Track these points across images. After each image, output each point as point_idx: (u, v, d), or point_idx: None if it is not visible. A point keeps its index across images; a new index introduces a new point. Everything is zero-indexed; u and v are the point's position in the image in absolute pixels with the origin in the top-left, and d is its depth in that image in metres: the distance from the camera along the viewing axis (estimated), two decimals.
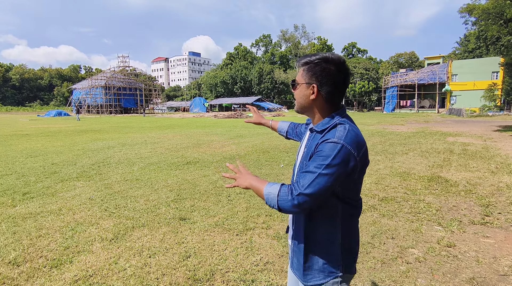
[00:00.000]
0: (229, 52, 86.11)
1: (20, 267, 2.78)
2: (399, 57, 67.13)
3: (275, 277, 2.63)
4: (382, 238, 3.38)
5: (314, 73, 1.23)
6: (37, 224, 3.76)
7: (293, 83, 1.32)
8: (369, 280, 2.57)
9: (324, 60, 1.21)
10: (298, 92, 1.30)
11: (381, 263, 2.85)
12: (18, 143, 11.86)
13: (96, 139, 13.27)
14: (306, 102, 1.28)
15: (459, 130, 16.30)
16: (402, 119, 28.32)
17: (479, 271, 2.71)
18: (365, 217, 3.97)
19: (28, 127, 20.96)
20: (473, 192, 5.06)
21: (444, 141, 11.60)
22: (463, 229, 3.61)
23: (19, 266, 2.81)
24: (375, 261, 2.88)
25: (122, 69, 63.70)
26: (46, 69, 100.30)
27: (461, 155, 8.53)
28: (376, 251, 3.08)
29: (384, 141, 11.66)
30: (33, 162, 7.75)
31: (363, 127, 18.20)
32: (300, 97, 1.30)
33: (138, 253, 3.04)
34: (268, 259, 2.93)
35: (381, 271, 2.72)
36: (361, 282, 2.56)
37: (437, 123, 22.03)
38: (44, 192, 5.12)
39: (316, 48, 63.60)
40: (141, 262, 2.85)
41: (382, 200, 4.66)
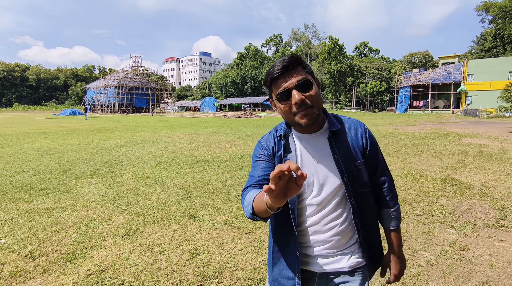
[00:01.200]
0: (239, 52, 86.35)
1: (36, 261, 2.87)
2: (412, 56, 65.94)
3: None
4: None
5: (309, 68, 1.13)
6: (53, 220, 3.86)
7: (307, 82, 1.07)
8: (379, 283, 2.55)
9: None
10: (315, 92, 1.09)
11: None
12: (35, 141, 12.20)
13: (109, 137, 13.53)
14: (322, 102, 1.13)
15: (474, 131, 15.90)
16: (415, 119, 27.82)
17: (492, 275, 2.65)
18: None
19: (44, 126, 21.53)
20: (488, 195, 4.94)
21: (458, 142, 11.34)
22: (477, 232, 3.53)
23: (35, 259, 2.90)
24: None
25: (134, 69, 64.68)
26: (62, 69, 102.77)
27: (476, 157, 8.32)
28: None
29: (396, 142, 11.49)
30: (49, 160, 7.96)
31: (374, 128, 17.97)
32: (318, 97, 1.10)
33: (149, 249, 3.09)
34: None
35: None
36: (371, 283, 2.53)
37: (452, 124, 21.55)
38: (59, 189, 5.26)
39: (328, 47, 62.98)
40: (152, 258, 2.90)
41: None
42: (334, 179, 1.12)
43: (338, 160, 1.12)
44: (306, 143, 1.15)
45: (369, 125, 20.82)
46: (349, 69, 63.06)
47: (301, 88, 1.05)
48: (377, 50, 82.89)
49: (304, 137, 1.16)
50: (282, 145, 1.17)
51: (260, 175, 1.13)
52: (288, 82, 1.05)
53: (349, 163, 1.13)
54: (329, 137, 1.14)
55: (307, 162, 1.14)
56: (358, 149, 1.16)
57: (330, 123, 1.16)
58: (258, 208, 0.94)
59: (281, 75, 1.06)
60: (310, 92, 1.07)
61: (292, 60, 1.07)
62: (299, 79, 1.05)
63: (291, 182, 0.76)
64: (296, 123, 1.10)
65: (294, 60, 1.07)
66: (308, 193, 1.14)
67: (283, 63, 1.06)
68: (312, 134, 1.16)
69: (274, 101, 1.13)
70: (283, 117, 1.14)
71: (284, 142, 1.17)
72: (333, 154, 1.12)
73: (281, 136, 1.18)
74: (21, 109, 74.31)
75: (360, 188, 1.15)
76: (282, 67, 1.05)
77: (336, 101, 66.20)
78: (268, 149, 1.18)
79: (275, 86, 1.09)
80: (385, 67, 64.86)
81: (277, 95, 1.08)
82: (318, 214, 1.14)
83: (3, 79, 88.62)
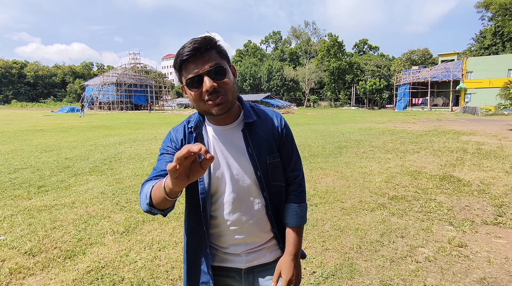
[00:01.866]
0: (238, 49, 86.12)
1: (36, 257, 2.87)
2: (411, 54, 65.91)
3: None
4: (392, 236, 3.35)
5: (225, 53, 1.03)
6: (52, 217, 3.86)
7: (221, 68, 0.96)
8: (377, 278, 2.56)
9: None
10: (228, 79, 0.99)
11: (390, 261, 2.83)
12: (33, 138, 12.17)
13: (108, 135, 13.50)
14: (235, 90, 1.03)
15: (473, 129, 15.93)
16: (414, 117, 27.84)
17: (490, 271, 2.67)
18: (374, 216, 3.95)
19: (43, 123, 21.45)
20: (487, 192, 4.96)
21: (457, 140, 11.37)
22: (475, 229, 3.55)
23: (34, 256, 2.90)
24: (384, 259, 2.87)
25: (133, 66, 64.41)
26: (60, 66, 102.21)
27: (474, 154, 8.35)
28: (385, 249, 3.07)
29: (395, 139, 11.50)
30: (48, 157, 7.94)
31: (373, 125, 17.99)
32: (232, 85, 1.01)
33: (149, 246, 3.10)
34: None
35: (390, 269, 2.70)
36: (369, 279, 2.55)
37: (451, 122, 21.59)
38: (58, 186, 5.25)
39: (327, 44, 62.88)
40: (151, 255, 2.91)
41: (392, 199, 4.61)
42: (248, 174, 1.08)
43: (252, 154, 1.07)
44: (219, 136, 1.08)
45: (367, 122, 20.83)
46: (348, 67, 63.00)
47: (214, 74, 0.95)
48: (377, 47, 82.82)
49: (217, 130, 1.09)
50: (192, 138, 1.09)
51: (163, 169, 1.04)
52: (200, 67, 0.94)
53: (264, 157, 1.08)
54: (243, 129, 1.07)
55: (220, 157, 1.08)
56: (273, 141, 1.12)
57: (246, 115, 1.09)
58: (156, 197, 0.88)
59: (191, 57, 0.94)
60: (224, 79, 0.97)
61: (205, 42, 0.95)
62: (211, 65, 0.94)
63: (196, 164, 0.74)
64: (208, 112, 1.00)
65: (207, 43, 0.96)
66: (221, 190, 1.09)
67: (194, 44, 0.94)
68: (226, 126, 1.08)
69: (184, 87, 1.01)
70: (194, 105, 1.04)
71: (195, 135, 1.09)
72: (247, 147, 1.07)
73: (192, 128, 1.10)
74: (19, 106, 73.96)
75: (274, 181, 1.12)
76: (193, 49, 0.93)
77: (335, 99, 66.18)
78: (177, 142, 1.10)
79: (185, 70, 0.97)
80: (384, 64, 64.84)
81: (187, 81, 0.97)
82: (233, 211, 1.09)
83: (1, 76, 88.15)
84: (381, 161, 7.44)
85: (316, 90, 70.85)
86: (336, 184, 5.42)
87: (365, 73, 62.97)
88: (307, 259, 2.88)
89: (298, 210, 1.15)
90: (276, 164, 1.12)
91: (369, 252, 3.01)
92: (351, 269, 2.69)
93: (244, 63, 76.03)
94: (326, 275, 2.61)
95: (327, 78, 63.54)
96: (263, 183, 1.09)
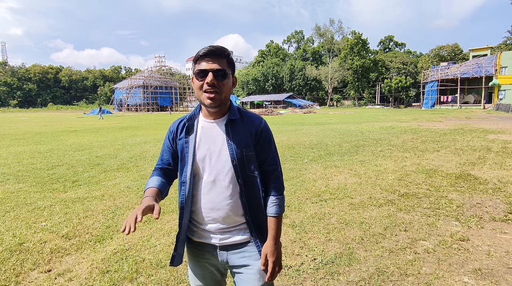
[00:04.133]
0: (260, 50, 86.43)
1: (71, 240, 3.30)
2: (440, 49, 63.17)
3: (285, 258, 2.88)
4: (395, 230, 3.49)
5: (233, 65, 1.31)
6: (84, 207, 4.33)
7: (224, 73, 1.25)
8: (374, 266, 2.73)
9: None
10: (227, 83, 1.27)
11: (389, 252, 2.99)
12: (68, 138, 13.14)
13: (134, 135, 14.27)
14: (229, 94, 1.31)
15: (504, 127, 15.22)
16: (442, 115, 26.83)
17: (487, 263, 2.76)
18: (380, 211, 4.08)
19: (76, 124, 22.92)
20: (502, 190, 4.90)
21: (483, 138, 10.98)
22: (481, 225, 3.60)
23: (70, 239, 3.33)
24: (384, 250, 3.03)
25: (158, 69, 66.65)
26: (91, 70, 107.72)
27: (499, 153, 8.10)
28: (387, 241, 3.21)
29: (416, 138, 11.30)
30: (80, 155, 8.64)
31: (395, 124, 17.62)
32: (228, 89, 1.28)
33: (167, 233, 3.44)
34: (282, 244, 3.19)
35: (387, 258, 2.86)
36: (366, 267, 2.73)
37: (480, 120, 20.64)
38: (89, 181, 5.79)
39: (350, 42, 61.73)
40: (169, 240, 3.25)
41: (402, 196, 4.70)
42: (225, 161, 1.28)
43: (231, 144, 1.28)
44: (207, 126, 1.32)
45: (390, 121, 20.38)
46: (372, 64, 61.50)
47: (217, 75, 1.22)
48: (403, 44, 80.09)
49: (207, 122, 1.33)
50: (185, 127, 1.35)
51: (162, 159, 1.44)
52: (210, 65, 1.22)
53: (240, 149, 1.28)
54: (226, 123, 1.30)
55: (204, 143, 1.30)
56: (250, 139, 1.31)
57: (231, 113, 1.33)
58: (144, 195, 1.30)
59: (207, 55, 1.23)
60: (223, 81, 1.24)
61: (220, 49, 1.24)
62: (218, 68, 1.22)
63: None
64: (202, 101, 1.27)
65: (222, 51, 1.24)
66: (201, 172, 1.31)
67: (212, 48, 1.23)
68: (214, 120, 1.32)
69: (193, 76, 1.29)
70: (195, 93, 1.31)
71: (188, 124, 1.35)
72: (227, 138, 1.29)
73: (186, 119, 1.37)
74: (55, 109, 78.89)
75: (248, 172, 1.30)
76: (210, 50, 1.22)
77: (359, 98, 64.82)
78: (172, 132, 1.39)
79: (199, 64, 1.25)
80: (411, 61, 62.66)
81: (196, 71, 1.25)
82: (211, 193, 1.29)
83: (39, 81, 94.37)
84: (398, 159, 7.43)
85: (339, 89, 69.72)
86: (348, 182, 5.55)
87: (391, 71, 61.18)
88: (309, 247, 3.09)
89: (277, 201, 1.34)
90: (251, 156, 1.31)
91: (370, 243, 3.18)
92: (350, 258, 2.88)
93: (266, 63, 76.29)
94: (326, 261, 2.82)
95: (351, 77, 62.36)
96: (238, 172, 1.28)
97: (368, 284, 2.49)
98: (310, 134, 13.33)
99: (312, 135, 12.92)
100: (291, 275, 2.63)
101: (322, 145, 9.81)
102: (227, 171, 1.29)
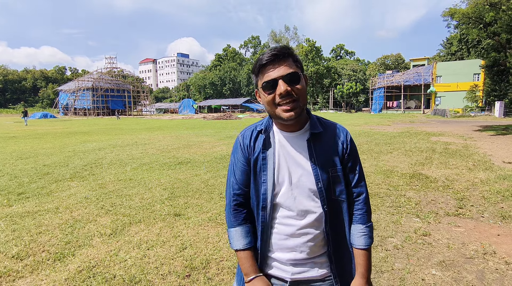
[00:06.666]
0: (217, 53, 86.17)
1: (24, 261, 2.92)
2: (385, 58, 68.64)
3: None
4: None
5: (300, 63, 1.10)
6: (36, 222, 3.88)
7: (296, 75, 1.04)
8: None
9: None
10: (303, 87, 1.06)
11: None
12: (6, 145, 11.74)
13: (86, 141, 13.24)
14: (307, 98, 1.10)
15: (442, 130, 16.92)
16: (389, 119, 29.06)
17: (449, 255, 3.01)
18: None
19: (14, 130, 20.61)
20: (450, 187, 5.41)
21: (427, 140, 12.08)
22: (438, 220, 3.93)
23: (22, 260, 2.95)
24: None
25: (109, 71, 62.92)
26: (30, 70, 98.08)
27: (442, 153, 8.96)
28: None
29: (370, 141, 12.07)
30: (24, 164, 7.76)
31: (351, 128, 18.67)
32: (305, 92, 1.07)
33: (137, 246, 3.22)
34: None
35: None
36: None
37: (422, 124, 22.74)
38: (39, 192, 5.21)
39: (305, 49, 64.30)
40: (140, 254, 3.04)
41: None
42: (308, 183, 1.08)
43: (315, 164, 1.08)
44: (285, 141, 1.12)
45: (346, 125, 21.55)
46: (326, 71, 64.64)
47: (288, 80, 1.02)
48: (353, 52, 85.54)
49: (284, 136, 1.12)
50: (262, 140, 1.13)
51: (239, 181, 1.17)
52: (276, 72, 1.03)
53: (326, 169, 1.09)
54: (308, 139, 1.10)
55: (283, 161, 1.10)
56: (337, 155, 1.12)
57: (312, 125, 1.12)
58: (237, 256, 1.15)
59: (270, 62, 1.04)
60: (297, 85, 1.04)
61: (283, 50, 1.05)
62: (288, 71, 1.03)
63: None
64: (278, 117, 1.06)
65: (285, 51, 1.05)
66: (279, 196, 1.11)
67: (274, 51, 1.04)
68: (293, 133, 1.12)
69: (259, 90, 1.10)
70: (266, 109, 1.10)
71: (265, 137, 1.13)
72: (311, 157, 1.08)
73: (261, 130, 1.14)
74: None
75: (334, 196, 1.11)
76: (272, 55, 1.03)
77: (314, 102, 67.62)
78: (246, 146, 1.17)
79: (262, 74, 1.06)
80: (360, 69, 67.04)
81: (262, 84, 1.05)
82: (288, 218, 1.10)
83: None
84: None
85: None
86: None
87: (342, 77, 64.85)
88: None
89: (366, 231, 1.13)
90: (339, 177, 1.11)
91: None
92: None
93: (223, 67, 76.19)
94: None
95: None
96: (324, 196, 1.09)
97: None
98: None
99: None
100: None
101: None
102: (310, 195, 1.10)
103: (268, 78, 1.04)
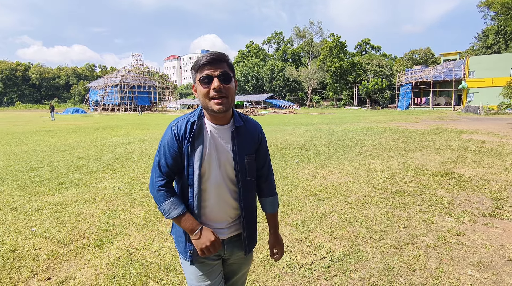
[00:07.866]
0: (240, 50, 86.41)
1: (68, 246, 3.13)
2: (413, 53, 65.89)
3: (295, 258, 2.89)
4: (395, 227, 3.59)
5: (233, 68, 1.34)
6: (75, 210, 4.13)
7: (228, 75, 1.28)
8: (382, 262, 2.80)
9: None
10: (232, 87, 1.30)
11: (393, 248, 3.07)
12: (43, 139, 12.48)
13: (116, 135, 13.80)
14: (235, 97, 1.35)
15: (475, 127, 16.09)
16: (417, 116, 27.98)
17: (486, 256, 2.90)
18: (378, 208, 4.18)
19: (50, 124, 21.82)
20: (486, 187, 5.17)
21: (459, 138, 11.55)
22: (473, 220, 3.78)
23: (66, 245, 3.16)
24: (388, 246, 3.11)
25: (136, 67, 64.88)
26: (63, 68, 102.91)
27: (475, 152, 8.55)
28: (389, 238, 3.30)
29: (398, 138, 11.71)
30: (61, 156, 8.24)
31: (376, 125, 18.19)
32: (233, 92, 1.31)
33: (170, 236, 3.35)
34: (288, 243, 3.19)
35: (393, 255, 2.94)
36: (375, 263, 2.79)
37: (453, 121, 21.72)
38: (76, 183, 5.53)
39: (329, 45, 63.02)
40: (173, 244, 3.16)
41: (395, 194, 4.84)
42: (229, 166, 1.36)
43: (235, 151, 1.35)
44: (214, 132, 1.35)
45: (370, 122, 21.04)
46: (350, 67, 63.10)
47: (222, 78, 1.25)
48: (379, 47, 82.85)
49: (214, 127, 1.35)
50: (194, 130, 1.32)
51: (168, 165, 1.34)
52: (212, 71, 1.25)
53: (243, 155, 1.37)
54: (232, 131, 1.35)
55: (211, 148, 1.34)
56: (252, 145, 1.41)
57: (236, 120, 1.37)
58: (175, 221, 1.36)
59: (208, 63, 1.26)
60: (229, 85, 1.27)
61: (220, 56, 1.28)
62: (222, 71, 1.26)
63: None
64: (210, 109, 1.27)
65: (222, 57, 1.28)
66: (208, 175, 1.35)
67: (212, 55, 1.27)
68: (221, 125, 1.35)
69: (196, 85, 1.31)
70: (200, 101, 1.31)
71: (196, 128, 1.33)
72: (233, 145, 1.35)
73: (194, 122, 1.34)
74: (23, 108, 74.66)
75: (248, 177, 1.40)
76: (211, 58, 1.26)
77: (337, 99, 66.29)
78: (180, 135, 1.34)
79: (201, 71, 1.27)
80: (386, 64, 64.88)
81: (200, 78, 1.26)
82: (216, 193, 1.37)
83: (5, 78, 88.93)
84: (384, 159, 7.66)
85: (318, 90, 71.01)
86: (341, 180, 5.66)
87: (367, 73, 63.04)
88: (317, 245, 3.12)
89: (273, 201, 1.55)
90: (252, 163, 1.42)
91: (374, 240, 3.25)
92: (358, 255, 2.93)
93: (246, 63, 76.32)
94: (335, 259, 2.85)
95: (329, 78, 63.64)
96: (239, 176, 1.38)
97: (380, 280, 2.54)
98: (296, 134, 13.47)
99: (298, 135, 13.05)
100: (304, 274, 2.64)
101: (311, 145, 9.94)
102: (230, 175, 1.38)
103: (206, 74, 1.26)
